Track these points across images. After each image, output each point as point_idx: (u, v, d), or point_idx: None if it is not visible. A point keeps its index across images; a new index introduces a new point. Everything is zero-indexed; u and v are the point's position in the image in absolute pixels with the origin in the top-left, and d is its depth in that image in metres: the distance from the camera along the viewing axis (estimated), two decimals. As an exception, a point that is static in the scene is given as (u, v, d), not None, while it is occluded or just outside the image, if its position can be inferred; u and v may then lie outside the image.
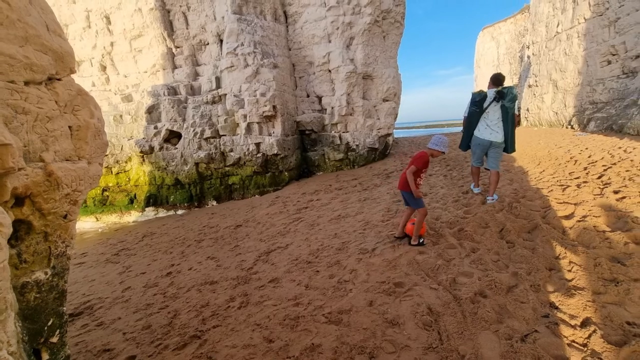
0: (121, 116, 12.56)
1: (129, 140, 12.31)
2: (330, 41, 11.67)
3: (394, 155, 13.41)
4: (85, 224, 11.63)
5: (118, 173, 12.50)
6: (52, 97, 1.76)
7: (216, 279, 4.23)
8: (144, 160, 11.97)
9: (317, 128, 12.10)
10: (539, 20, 19.28)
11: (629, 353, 1.85)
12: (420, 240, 3.83)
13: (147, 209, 11.70)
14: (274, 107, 10.51)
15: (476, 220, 4.12)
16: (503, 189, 5.33)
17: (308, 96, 12.49)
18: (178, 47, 12.03)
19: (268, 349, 2.51)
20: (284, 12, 12.05)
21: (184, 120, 11.36)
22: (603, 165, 5.99)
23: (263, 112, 10.46)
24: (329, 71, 11.81)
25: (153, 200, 11.77)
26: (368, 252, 4.01)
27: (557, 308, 2.33)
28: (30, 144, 1.62)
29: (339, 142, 12.01)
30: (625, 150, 6.97)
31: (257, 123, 10.74)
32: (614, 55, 12.05)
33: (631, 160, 5.99)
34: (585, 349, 1.95)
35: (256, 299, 3.40)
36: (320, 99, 12.31)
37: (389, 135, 12.70)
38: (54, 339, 1.75)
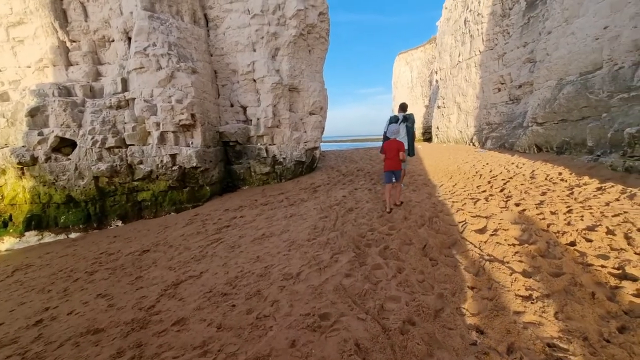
0: (-8, 119, 10.13)
1: (2, 148, 9.95)
2: (255, 50, 11.26)
3: (321, 169, 13.43)
4: None
5: (-14, 189, 9.96)
6: None
7: (104, 324, 3.37)
8: (23, 173, 9.76)
9: (242, 139, 11.45)
10: (444, 50, 21.83)
11: (552, 379, 1.80)
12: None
13: (27, 233, 9.48)
14: (193, 115, 9.61)
15: (401, 237, 4.08)
16: (423, 203, 5.52)
17: (232, 106, 11.80)
18: (74, 42, 10.29)
19: None
20: (205, 15, 11.27)
21: (79, 126, 9.62)
22: (502, 179, 6.70)
23: (180, 120, 9.47)
24: (254, 81, 11.36)
25: (36, 222, 9.62)
26: (292, 277, 3.63)
27: (482, 333, 2.26)
28: None
29: (265, 154, 11.53)
30: (517, 166, 7.98)
31: (173, 132, 9.66)
32: (502, 84, 14.10)
33: (523, 175, 6.83)
34: (513, 378, 1.86)
35: (153, 350, 2.73)
36: (245, 109, 11.74)
37: (315, 148, 12.68)
38: None
